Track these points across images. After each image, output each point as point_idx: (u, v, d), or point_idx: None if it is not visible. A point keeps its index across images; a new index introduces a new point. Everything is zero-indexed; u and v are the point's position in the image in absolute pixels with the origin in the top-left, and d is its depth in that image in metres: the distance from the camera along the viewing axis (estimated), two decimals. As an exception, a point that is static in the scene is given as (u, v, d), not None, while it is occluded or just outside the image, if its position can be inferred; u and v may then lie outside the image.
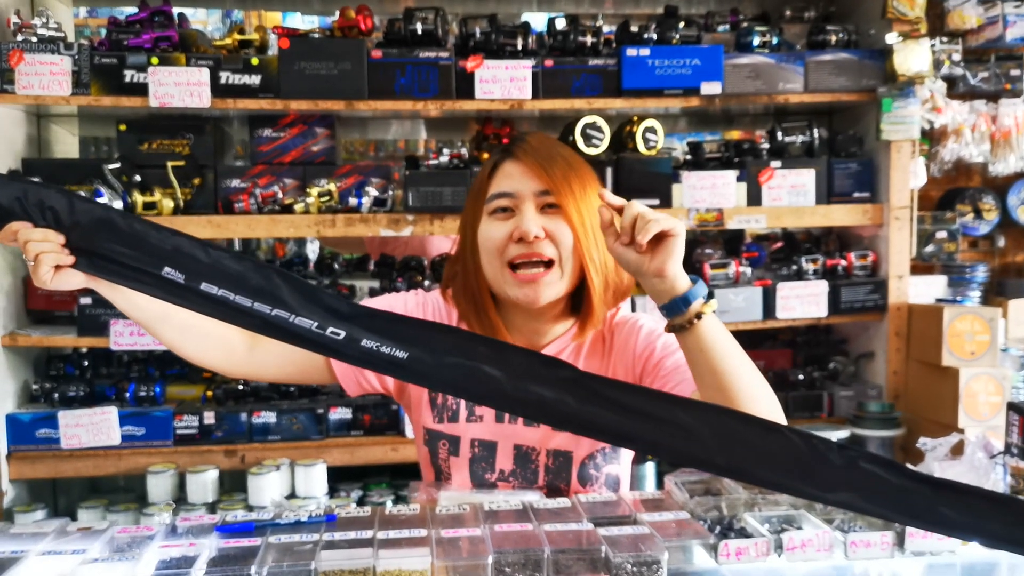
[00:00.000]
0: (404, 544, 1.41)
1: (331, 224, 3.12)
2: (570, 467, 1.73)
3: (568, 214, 1.63)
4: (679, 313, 1.45)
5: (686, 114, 3.94)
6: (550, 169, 1.64)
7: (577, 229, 1.63)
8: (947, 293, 3.67)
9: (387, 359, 1.34)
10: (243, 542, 1.44)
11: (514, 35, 3.24)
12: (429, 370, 1.34)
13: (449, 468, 1.76)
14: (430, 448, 1.78)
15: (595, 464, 1.74)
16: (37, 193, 1.40)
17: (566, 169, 1.66)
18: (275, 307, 1.34)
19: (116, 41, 3.11)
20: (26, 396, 3.22)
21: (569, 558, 1.38)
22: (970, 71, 3.66)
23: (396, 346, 1.33)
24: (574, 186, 1.65)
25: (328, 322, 1.33)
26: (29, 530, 1.54)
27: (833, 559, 1.45)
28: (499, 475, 1.74)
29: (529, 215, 1.63)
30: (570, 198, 1.64)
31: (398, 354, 1.33)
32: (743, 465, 1.30)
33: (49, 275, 1.37)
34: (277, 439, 3.16)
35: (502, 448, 1.74)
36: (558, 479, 1.73)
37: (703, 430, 1.29)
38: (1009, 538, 1.24)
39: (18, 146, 3.25)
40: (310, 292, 1.36)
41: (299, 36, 3.18)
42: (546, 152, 1.67)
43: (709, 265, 3.43)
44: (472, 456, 1.74)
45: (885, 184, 3.49)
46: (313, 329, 1.33)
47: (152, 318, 1.59)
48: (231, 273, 1.36)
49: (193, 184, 3.18)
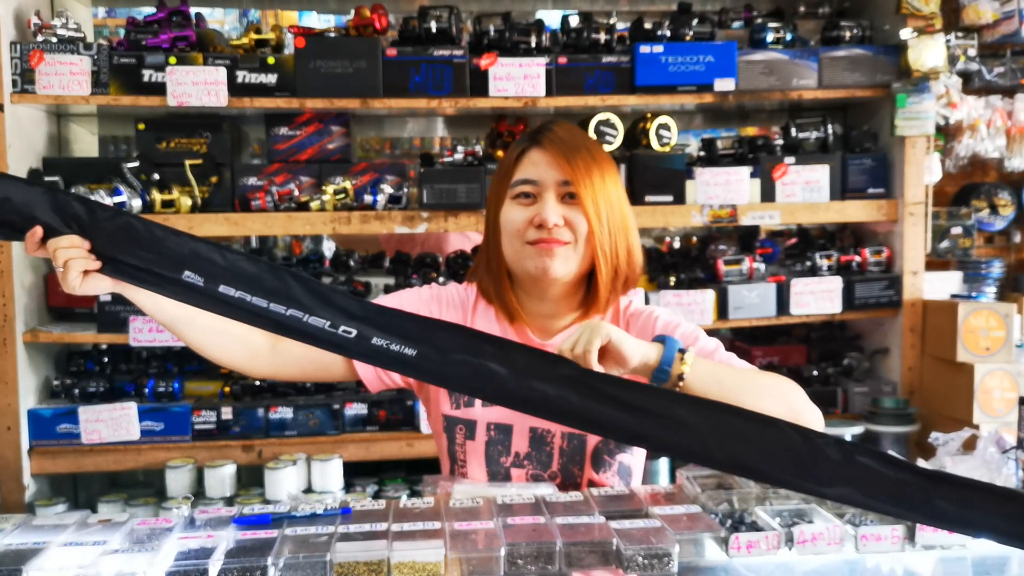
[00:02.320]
0: (418, 536, 1.43)
1: (346, 221, 3.15)
2: (584, 451, 1.75)
3: (585, 205, 1.68)
4: (665, 380, 1.52)
5: (701, 110, 3.94)
6: (573, 160, 1.69)
7: (592, 220, 1.68)
8: (962, 289, 3.66)
9: (396, 357, 1.37)
10: (260, 534, 1.47)
11: (528, 33, 3.26)
12: (437, 367, 1.38)
13: (465, 454, 1.79)
14: (448, 435, 1.81)
15: (608, 450, 1.76)
16: (60, 200, 1.44)
17: (588, 160, 1.71)
18: (290, 307, 1.38)
19: (134, 41, 3.15)
20: (47, 392, 3.26)
21: (581, 550, 1.39)
22: (986, 66, 3.65)
23: (405, 344, 1.36)
24: (594, 178, 1.70)
25: (340, 321, 1.37)
26: (51, 522, 1.57)
27: (844, 553, 1.46)
28: (514, 458, 1.77)
29: (550, 203, 1.69)
30: (589, 189, 1.68)
31: (407, 352, 1.36)
32: (741, 460, 1.32)
33: (78, 280, 1.43)
34: (294, 434, 3.19)
35: (518, 431, 1.76)
36: (572, 463, 1.75)
37: (701, 425, 1.32)
38: (1011, 532, 1.25)
39: (39, 145, 3.29)
40: (323, 292, 1.39)
41: (315, 35, 3.20)
42: (571, 143, 1.72)
43: (723, 261, 3.43)
44: (488, 440, 1.77)
45: (900, 180, 3.48)
46: (326, 328, 1.37)
47: (177, 320, 1.63)
48: (247, 275, 1.40)
49: (210, 182, 3.21)
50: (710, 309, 3.33)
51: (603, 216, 1.70)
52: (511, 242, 1.73)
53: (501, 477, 1.77)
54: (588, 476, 1.76)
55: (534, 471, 1.76)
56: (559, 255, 1.68)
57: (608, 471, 1.77)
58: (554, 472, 1.76)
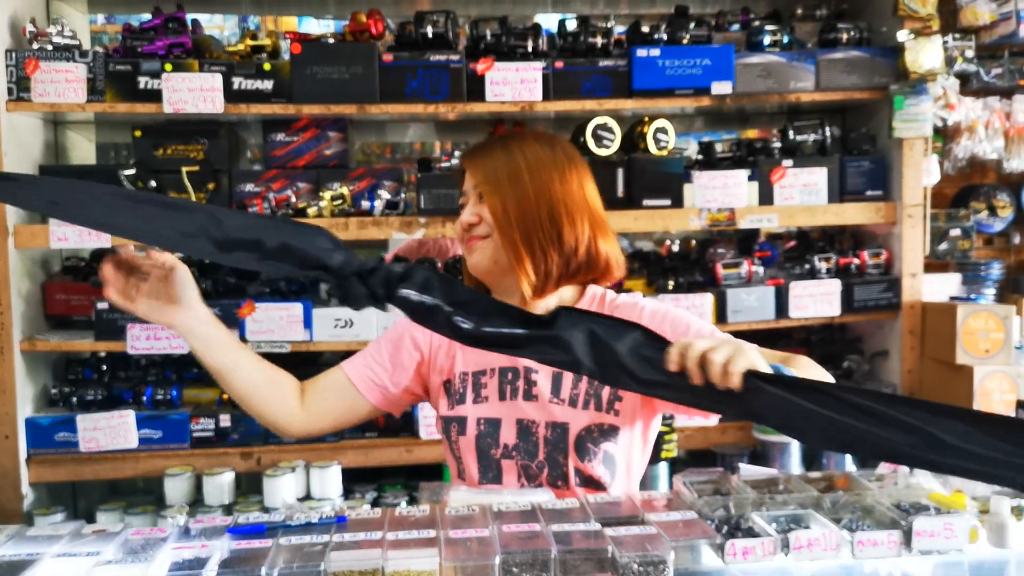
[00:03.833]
0: (413, 545, 1.42)
1: (344, 227, 3.14)
2: (567, 438, 1.79)
3: (489, 200, 1.83)
4: None
5: (701, 114, 3.95)
6: (483, 165, 1.86)
7: (497, 214, 1.82)
8: (961, 291, 3.66)
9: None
10: (254, 543, 1.46)
11: (524, 37, 3.26)
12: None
13: (460, 451, 1.85)
14: (446, 436, 1.88)
15: (592, 438, 1.79)
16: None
17: (496, 161, 1.85)
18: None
19: (130, 48, 3.15)
20: (45, 400, 3.26)
21: (576, 558, 1.39)
22: (983, 67, 3.64)
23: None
24: (501, 176, 1.83)
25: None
26: (45, 532, 1.56)
27: (840, 558, 1.45)
28: (503, 450, 1.81)
29: (468, 207, 1.87)
30: (491, 184, 1.83)
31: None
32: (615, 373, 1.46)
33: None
34: (292, 441, 3.18)
35: (506, 423, 1.82)
36: (556, 451, 1.79)
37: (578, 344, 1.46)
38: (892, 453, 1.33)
39: (36, 153, 3.29)
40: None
41: (311, 41, 3.21)
42: (482, 151, 1.89)
43: (721, 265, 3.43)
44: (478, 433, 1.82)
45: (898, 182, 3.48)
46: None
47: (224, 367, 1.79)
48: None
49: (208, 189, 3.21)
50: (709, 313, 3.33)
51: (509, 210, 1.81)
52: (460, 245, 1.93)
53: (493, 470, 1.82)
54: (574, 465, 1.79)
55: (523, 461, 1.80)
56: (477, 249, 1.84)
57: (593, 459, 1.79)
58: (541, 462, 1.80)
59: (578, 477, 1.78)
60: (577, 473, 1.78)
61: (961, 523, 1.48)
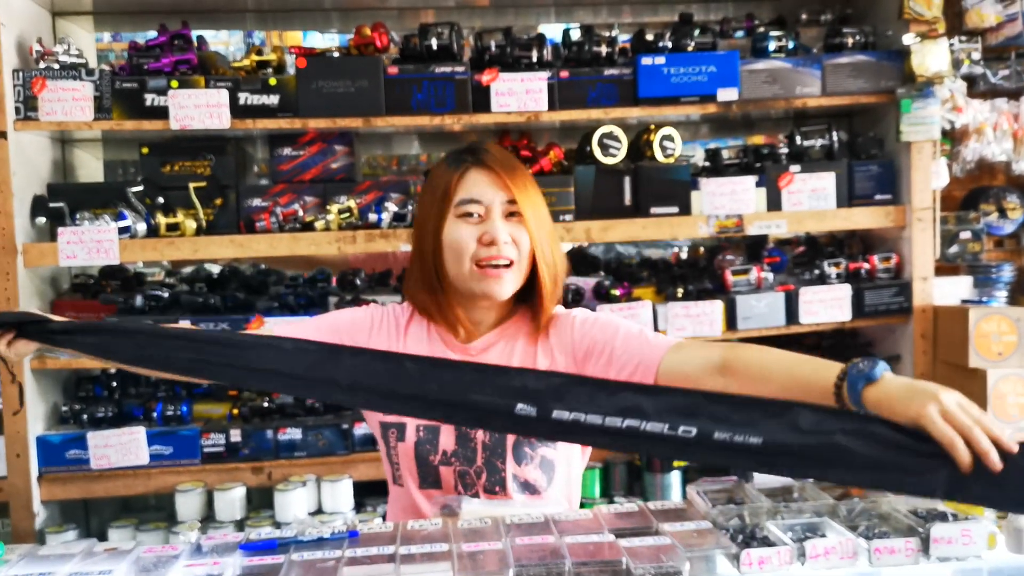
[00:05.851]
0: (425, 559, 1.42)
1: (352, 240, 3.14)
2: (504, 444, 1.79)
3: (528, 222, 1.79)
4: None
5: (707, 121, 3.94)
6: (514, 179, 1.80)
7: (534, 235, 1.79)
8: (973, 294, 3.63)
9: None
10: (266, 560, 1.46)
11: (529, 47, 3.25)
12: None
13: (398, 456, 1.84)
14: (384, 441, 1.87)
15: (529, 443, 1.80)
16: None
17: (526, 179, 1.83)
18: None
19: (137, 65, 3.15)
20: (56, 418, 3.26)
21: (590, 570, 1.38)
22: (990, 69, 3.63)
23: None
24: (532, 196, 1.82)
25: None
26: (57, 551, 1.56)
27: (857, 566, 1.44)
28: (442, 456, 1.81)
29: (498, 222, 1.77)
30: (530, 207, 1.80)
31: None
32: None
33: None
34: (303, 455, 3.18)
35: (445, 430, 1.81)
36: (494, 456, 1.79)
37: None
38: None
39: (43, 171, 3.30)
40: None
41: (316, 55, 3.21)
42: (509, 163, 1.83)
43: (731, 272, 3.41)
44: (417, 440, 1.82)
45: (907, 185, 3.46)
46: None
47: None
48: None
49: (215, 204, 3.22)
50: (719, 320, 3.31)
51: (544, 231, 1.82)
52: (458, 260, 1.79)
53: (431, 478, 1.82)
54: (512, 470, 1.79)
55: (461, 467, 1.80)
56: (505, 279, 1.78)
57: (530, 464, 1.80)
58: (479, 467, 1.80)
59: (515, 482, 1.79)
60: (514, 478, 1.79)
61: (979, 529, 1.46)
